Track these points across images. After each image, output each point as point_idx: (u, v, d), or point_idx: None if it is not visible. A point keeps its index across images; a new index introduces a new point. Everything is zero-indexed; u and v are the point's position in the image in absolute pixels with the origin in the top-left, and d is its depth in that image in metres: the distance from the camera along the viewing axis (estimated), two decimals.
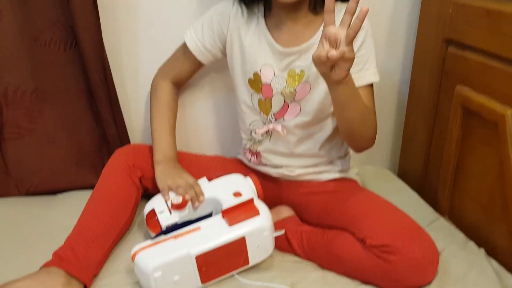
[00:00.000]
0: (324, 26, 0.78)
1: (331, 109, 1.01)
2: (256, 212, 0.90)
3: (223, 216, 0.91)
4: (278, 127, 1.02)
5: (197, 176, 1.03)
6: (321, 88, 0.98)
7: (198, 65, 1.10)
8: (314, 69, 0.95)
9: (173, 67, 1.12)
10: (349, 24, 0.76)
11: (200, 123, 1.28)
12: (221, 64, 1.10)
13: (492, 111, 0.94)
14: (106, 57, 1.08)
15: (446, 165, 1.12)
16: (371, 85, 0.99)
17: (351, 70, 0.84)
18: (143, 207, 1.00)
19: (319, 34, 0.95)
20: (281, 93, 1.00)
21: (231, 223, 0.88)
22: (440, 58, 1.11)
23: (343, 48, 0.76)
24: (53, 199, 1.16)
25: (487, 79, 0.96)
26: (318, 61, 0.79)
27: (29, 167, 1.16)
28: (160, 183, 1.00)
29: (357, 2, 0.76)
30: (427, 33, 1.16)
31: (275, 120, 1.03)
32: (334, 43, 0.77)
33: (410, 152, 1.32)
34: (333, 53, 0.75)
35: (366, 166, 1.31)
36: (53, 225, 1.04)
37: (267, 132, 1.04)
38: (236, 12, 1.02)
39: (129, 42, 1.16)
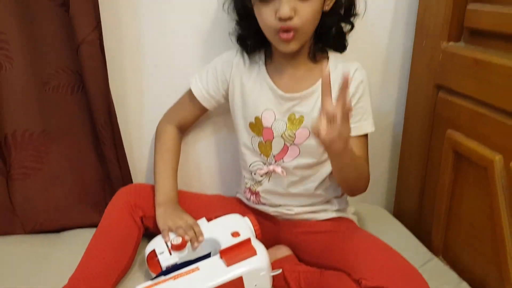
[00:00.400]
0: (322, 96, 0.82)
1: None
2: (253, 252, 0.92)
3: (221, 257, 0.93)
4: (278, 169, 1.06)
5: (197, 215, 1.05)
6: None
7: (203, 110, 1.15)
8: (313, 115, 1.01)
9: (178, 112, 1.17)
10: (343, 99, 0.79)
11: (201, 163, 1.31)
12: (223, 106, 1.14)
13: (482, 156, 0.97)
14: (112, 101, 1.12)
15: (439, 206, 1.14)
16: (366, 135, 1.05)
17: (350, 120, 0.89)
18: (144, 246, 1.02)
19: (319, 83, 1.01)
20: (281, 136, 1.05)
21: (228, 263, 0.91)
22: (431, 102, 1.14)
23: (339, 126, 0.80)
24: (57, 237, 1.18)
25: (476, 125, 1.00)
26: (317, 136, 0.83)
27: (35, 206, 1.19)
28: (161, 224, 1.02)
29: (348, 81, 0.78)
30: (418, 78, 1.21)
31: (275, 161, 1.07)
32: (331, 118, 0.81)
33: (404, 192, 1.34)
34: (330, 133, 0.81)
35: (362, 205, 1.33)
36: (57, 263, 1.06)
37: (266, 173, 1.08)
38: (239, 60, 1.08)
39: (134, 86, 1.20)
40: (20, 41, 1.08)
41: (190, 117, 1.17)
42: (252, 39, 1.04)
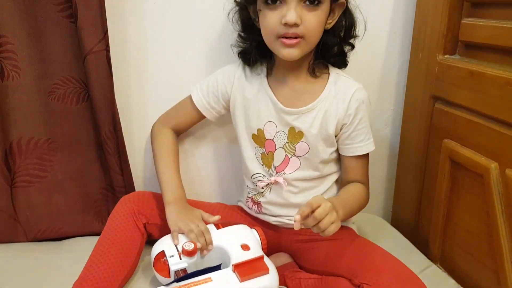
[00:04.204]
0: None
1: (331, 168, 1.10)
2: (266, 270, 0.94)
3: (234, 270, 0.93)
4: (280, 180, 1.07)
5: None
6: (319, 149, 1.05)
7: (201, 117, 1.16)
8: (312, 132, 1.03)
9: (176, 116, 1.17)
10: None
11: (201, 171, 1.32)
12: (224, 117, 1.17)
13: (478, 164, 1.00)
14: (117, 111, 1.14)
15: (436, 215, 1.16)
16: (367, 154, 1.09)
17: (354, 140, 1.03)
18: (147, 252, 1.03)
19: (318, 100, 1.04)
20: (283, 147, 1.07)
21: (242, 279, 0.91)
22: (428, 113, 1.17)
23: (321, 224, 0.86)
24: (59, 245, 1.19)
25: (472, 134, 1.02)
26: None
27: (38, 214, 1.19)
28: (171, 224, 1.01)
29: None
30: (415, 90, 1.24)
31: (277, 173, 1.09)
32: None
33: (402, 201, 1.36)
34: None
35: (360, 214, 1.33)
36: (59, 271, 1.07)
37: (267, 184, 1.10)
38: (241, 73, 1.10)
39: (139, 97, 1.22)
40: (27, 51, 1.09)
41: (187, 122, 1.17)
42: (254, 51, 1.06)
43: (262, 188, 1.11)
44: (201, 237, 0.98)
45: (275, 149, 1.08)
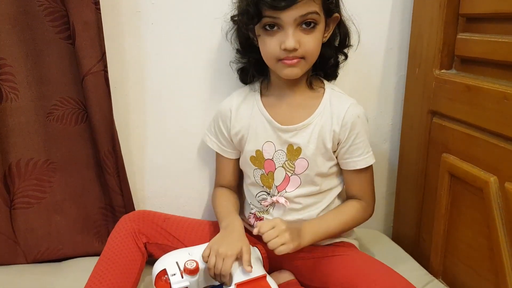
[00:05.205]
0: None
1: (332, 183, 1.09)
2: None
3: None
4: (281, 200, 1.07)
5: (200, 241, 1.06)
6: (319, 164, 1.05)
7: (233, 162, 1.18)
8: (310, 147, 1.03)
9: (218, 176, 1.21)
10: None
11: (201, 191, 1.32)
12: None
13: (477, 178, 1.00)
14: (116, 131, 1.14)
15: (437, 229, 1.16)
16: (370, 166, 1.10)
17: (352, 154, 1.03)
18: (148, 272, 1.03)
19: (314, 115, 1.05)
20: (282, 166, 1.07)
21: None
22: (426, 128, 1.18)
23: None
24: (58, 266, 1.18)
25: (471, 148, 1.02)
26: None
27: (37, 236, 1.19)
28: (209, 242, 0.99)
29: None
30: (413, 105, 1.24)
31: (278, 192, 1.09)
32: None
33: (402, 216, 1.36)
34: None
35: (361, 230, 1.34)
36: None
37: (271, 204, 1.10)
38: (235, 102, 1.12)
39: (138, 116, 1.22)
40: (25, 73, 1.10)
41: (229, 174, 1.19)
42: (251, 67, 1.09)
43: (266, 206, 1.11)
44: (217, 277, 0.96)
45: (275, 168, 1.08)
